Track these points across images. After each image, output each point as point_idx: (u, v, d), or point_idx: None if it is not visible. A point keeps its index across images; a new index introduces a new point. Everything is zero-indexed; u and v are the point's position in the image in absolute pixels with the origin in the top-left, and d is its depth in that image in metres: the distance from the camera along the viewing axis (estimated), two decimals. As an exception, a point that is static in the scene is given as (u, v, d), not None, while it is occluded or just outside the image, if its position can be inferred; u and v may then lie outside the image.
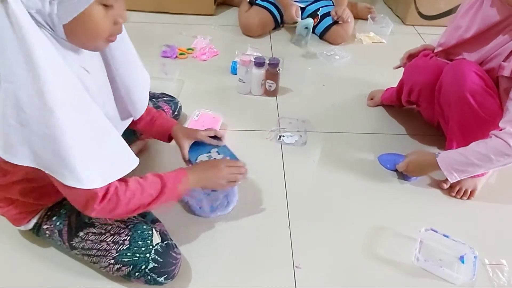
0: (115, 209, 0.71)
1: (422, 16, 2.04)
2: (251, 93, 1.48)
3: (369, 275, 0.91)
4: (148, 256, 0.78)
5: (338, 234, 1.00)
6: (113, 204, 0.70)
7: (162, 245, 0.81)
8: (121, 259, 0.78)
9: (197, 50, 1.70)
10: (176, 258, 0.82)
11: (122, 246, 0.79)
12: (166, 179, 0.78)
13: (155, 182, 0.77)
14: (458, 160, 0.99)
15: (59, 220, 0.83)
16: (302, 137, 1.29)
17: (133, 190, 0.73)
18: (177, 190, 0.79)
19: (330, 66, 1.69)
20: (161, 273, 0.79)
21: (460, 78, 1.01)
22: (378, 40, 1.90)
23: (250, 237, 0.98)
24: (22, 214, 0.83)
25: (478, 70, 1.00)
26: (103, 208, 0.69)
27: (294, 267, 0.92)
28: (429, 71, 1.13)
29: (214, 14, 2.03)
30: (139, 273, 0.78)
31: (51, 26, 0.60)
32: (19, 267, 0.88)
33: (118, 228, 0.81)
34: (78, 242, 0.82)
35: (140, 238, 0.80)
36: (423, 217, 1.05)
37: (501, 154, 0.93)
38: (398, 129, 1.36)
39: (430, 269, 0.93)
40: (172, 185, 0.78)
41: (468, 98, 0.99)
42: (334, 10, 1.79)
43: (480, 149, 0.96)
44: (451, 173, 1.01)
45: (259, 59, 1.39)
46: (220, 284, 0.88)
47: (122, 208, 0.72)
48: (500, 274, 0.93)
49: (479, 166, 0.97)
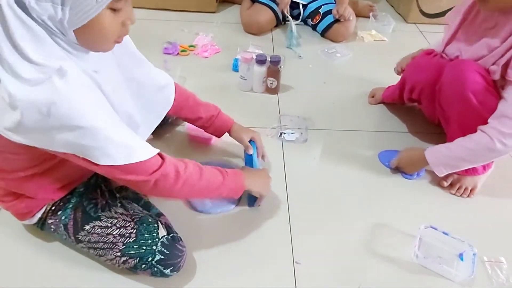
0: (175, 185, 0.75)
1: (424, 14, 2.04)
2: (252, 90, 1.48)
3: (368, 271, 0.92)
4: (155, 248, 0.79)
5: (338, 230, 1.01)
6: (171, 179, 0.74)
7: (168, 238, 0.82)
8: (128, 252, 0.79)
9: (199, 47, 1.70)
10: (181, 251, 0.83)
11: (128, 239, 0.80)
12: (226, 172, 0.86)
13: (215, 172, 0.84)
14: (445, 154, 1.03)
15: (65, 215, 0.84)
16: (303, 134, 1.29)
17: (192, 171, 0.79)
18: (237, 185, 0.88)
19: (332, 64, 1.69)
20: (167, 265, 0.80)
21: (461, 77, 1.01)
22: (380, 38, 1.90)
23: (250, 233, 0.98)
24: (27, 209, 0.84)
25: (479, 69, 1.00)
26: (165, 180, 0.73)
27: (294, 262, 0.92)
28: (431, 69, 1.13)
29: (216, 11, 2.03)
30: (145, 265, 0.79)
31: (62, 31, 0.61)
32: (24, 260, 0.89)
33: (124, 221, 0.82)
34: (84, 235, 0.82)
35: (146, 231, 0.81)
36: (422, 214, 1.06)
37: (486, 148, 0.96)
38: (399, 127, 1.36)
39: (429, 266, 0.93)
40: (232, 179, 0.86)
41: (469, 97, 0.99)
42: (335, 9, 1.79)
43: (466, 143, 0.99)
44: (438, 167, 1.05)
45: (260, 57, 1.39)
46: (221, 279, 0.88)
47: (182, 185, 0.76)
48: (499, 271, 0.94)
49: (465, 160, 1.01)
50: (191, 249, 0.92)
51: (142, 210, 0.88)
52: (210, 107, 1.08)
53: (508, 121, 0.94)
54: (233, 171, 0.89)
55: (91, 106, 0.63)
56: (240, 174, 0.90)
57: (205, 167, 0.83)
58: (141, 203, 0.92)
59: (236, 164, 1.16)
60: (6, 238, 0.93)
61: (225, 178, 0.85)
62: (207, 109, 1.07)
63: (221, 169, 0.87)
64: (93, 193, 0.87)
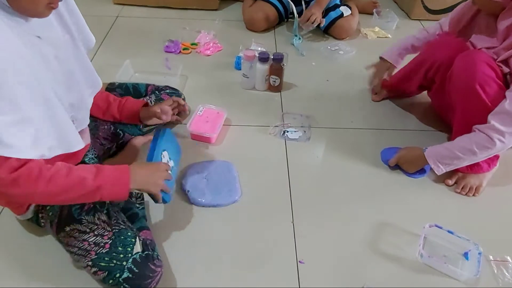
0: (37, 182, 0.67)
1: (428, 10, 2.02)
2: (255, 88, 1.47)
3: (373, 270, 0.91)
4: (125, 264, 0.76)
5: (341, 229, 1.00)
6: (34, 175, 0.66)
7: (142, 255, 0.79)
8: (98, 263, 0.77)
9: (201, 45, 1.69)
10: (154, 271, 0.79)
11: (102, 249, 0.78)
12: (103, 167, 0.76)
13: (89, 167, 0.74)
14: (444, 154, 1.05)
15: (52, 211, 0.83)
16: (306, 132, 1.29)
17: (59, 168, 0.70)
18: (119, 181, 0.75)
19: (335, 61, 1.68)
20: (134, 285, 0.77)
21: (471, 68, 1.00)
22: (384, 35, 1.88)
23: (253, 232, 0.98)
24: (18, 203, 0.83)
25: (490, 61, 1.00)
26: (28, 176, 0.66)
27: (297, 262, 0.92)
28: (453, 48, 1.12)
29: (218, 8, 2.02)
30: (112, 281, 0.76)
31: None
32: (21, 255, 0.89)
33: (103, 229, 0.80)
34: (63, 236, 0.81)
35: (121, 244, 0.78)
36: (427, 213, 1.05)
37: (484, 147, 0.99)
38: (403, 125, 1.35)
39: (434, 265, 0.92)
40: (110, 174, 0.74)
41: (477, 89, 0.99)
42: (307, 10, 1.72)
43: (464, 143, 1.02)
44: (437, 166, 1.06)
45: (263, 54, 1.38)
46: (223, 278, 0.88)
47: (47, 183, 0.67)
48: (504, 270, 0.93)
49: (464, 159, 1.03)
50: (192, 248, 0.92)
51: (125, 222, 0.85)
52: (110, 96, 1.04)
53: (508, 119, 0.94)
54: (115, 167, 0.77)
55: None
56: (125, 169, 0.77)
57: (77, 166, 0.74)
58: (128, 213, 0.91)
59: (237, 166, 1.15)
60: (5, 236, 0.93)
61: (100, 172, 0.74)
62: (116, 100, 1.04)
63: (98, 165, 0.77)
64: None
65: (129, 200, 0.96)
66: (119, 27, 1.80)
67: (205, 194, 1.03)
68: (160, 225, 0.98)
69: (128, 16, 1.91)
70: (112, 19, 1.86)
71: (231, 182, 1.08)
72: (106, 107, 1.03)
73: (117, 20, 1.87)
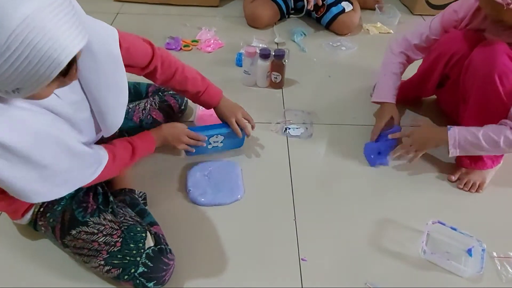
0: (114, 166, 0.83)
1: (431, 5, 2.00)
2: (256, 85, 1.46)
3: (375, 267, 0.91)
4: (139, 259, 0.78)
5: (344, 226, 1.00)
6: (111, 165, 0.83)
7: (155, 250, 0.80)
8: (111, 261, 0.78)
9: (202, 42, 1.69)
10: (167, 264, 0.81)
11: (113, 247, 0.79)
12: (135, 143, 0.91)
13: (125, 145, 0.90)
14: (468, 138, 1.00)
15: (53, 217, 0.83)
16: (308, 129, 1.28)
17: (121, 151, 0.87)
18: (148, 144, 0.96)
19: (336, 57, 1.67)
20: (150, 278, 0.78)
21: (492, 57, 0.97)
22: (386, 30, 1.87)
23: (255, 229, 0.98)
24: (13, 209, 0.83)
25: (511, 53, 0.97)
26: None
27: (300, 259, 0.92)
28: (471, 40, 1.07)
29: (219, 5, 2.01)
30: (128, 276, 0.78)
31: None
32: (17, 262, 0.89)
33: (111, 229, 0.81)
34: (70, 240, 0.81)
35: (132, 241, 0.79)
36: (430, 210, 1.04)
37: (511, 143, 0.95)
38: (404, 121, 1.34)
39: (437, 262, 0.92)
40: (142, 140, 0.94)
41: (495, 79, 0.96)
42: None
43: (493, 134, 0.97)
44: (455, 148, 1.02)
45: (264, 51, 1.37)
46: (225, 276, 0.88)
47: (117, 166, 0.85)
48: (508, 267, 0.92)
49: (485, 150, 0.99)
50: (193, 247, 0.92)
51: (134, 218, 0.86)
52: (197, 82, 1.05)
53: None
54: (141, 134, 0.97)
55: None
56: (148, 134, 0.98)
57: (116, 150, 0.86)
58: (136, 209, 0.91)
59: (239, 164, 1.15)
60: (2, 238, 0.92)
61: (135, 150, 0.91)
62: (195, 84, 1.04)
63: (128, 139, 0.92)
64: (85, 197, 0.86)
65: (134, 196, 0.96)
66: (119, 24, 1.79)
67: (207, 192, 1.03)
68: (161, 223, 0.97)
69: (128, 13, 1.90)
70: (112, 16, 1.86)
71: (233, 180, 1.07)
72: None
73: (117, 17, 1.86)
